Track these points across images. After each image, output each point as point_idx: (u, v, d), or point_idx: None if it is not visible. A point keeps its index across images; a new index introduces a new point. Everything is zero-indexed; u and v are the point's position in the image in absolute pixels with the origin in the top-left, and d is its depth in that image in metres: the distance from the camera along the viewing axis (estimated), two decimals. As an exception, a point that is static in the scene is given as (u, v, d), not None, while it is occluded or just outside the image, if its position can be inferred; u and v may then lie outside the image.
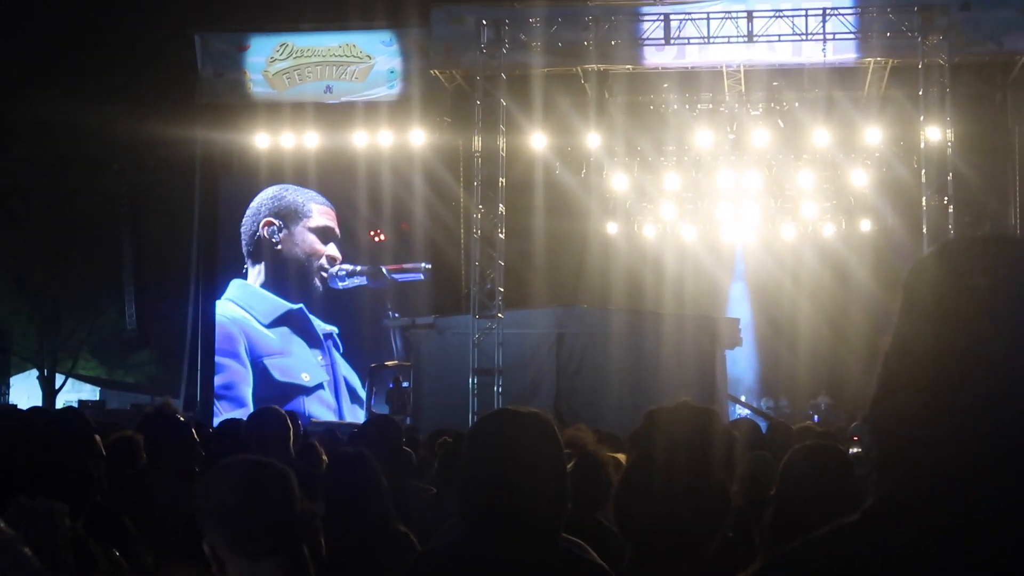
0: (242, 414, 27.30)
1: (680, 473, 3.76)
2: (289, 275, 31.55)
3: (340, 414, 30.31)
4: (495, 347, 27.13)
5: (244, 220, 32.07)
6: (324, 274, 31.39)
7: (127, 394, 41.49)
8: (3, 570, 5.13)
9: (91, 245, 41.70)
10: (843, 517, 2.29)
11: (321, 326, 31.38)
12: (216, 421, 28.89)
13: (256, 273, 31.78)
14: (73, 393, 43.77)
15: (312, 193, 32.09)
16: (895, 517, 2.18)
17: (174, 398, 33.06)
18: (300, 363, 30.89)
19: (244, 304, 31.35)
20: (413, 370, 29.14)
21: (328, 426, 23.68)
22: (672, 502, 3.71)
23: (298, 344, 31.09)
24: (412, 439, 13.41)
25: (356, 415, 29.61)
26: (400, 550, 5.88)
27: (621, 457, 6.55)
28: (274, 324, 31.19)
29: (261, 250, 31.92)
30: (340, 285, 31.65)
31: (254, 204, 32.01)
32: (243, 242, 32.00)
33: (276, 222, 31.50)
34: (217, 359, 31.18)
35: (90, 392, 44.94)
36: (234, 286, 31.94)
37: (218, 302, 31.91)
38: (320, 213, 31.93)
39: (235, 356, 30.79)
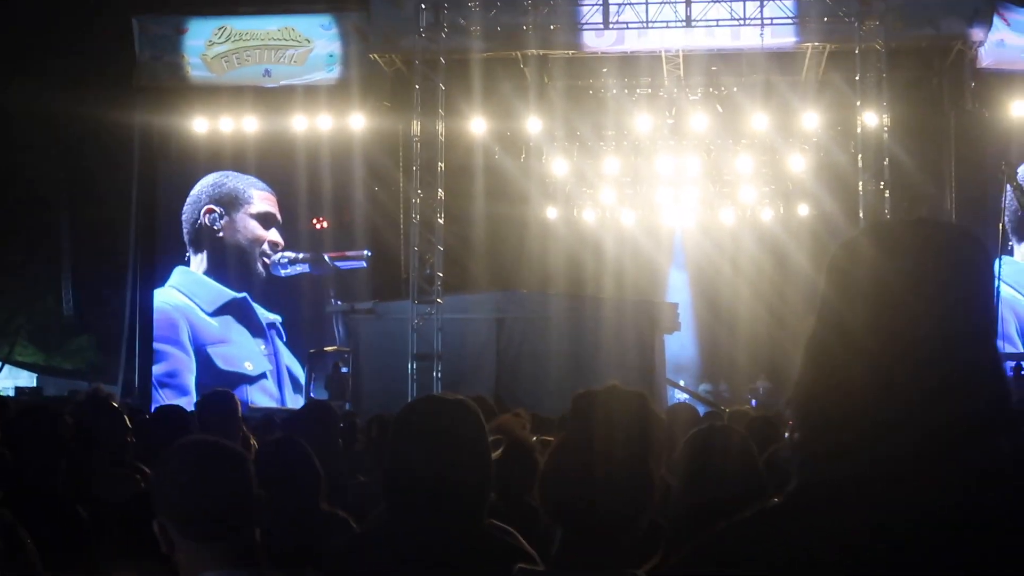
0: (185, 402, 27.25)
1: (602, 457, 3.75)
2: (231, 262, 31.51)
3: (283, 403, 30.22)
4: (434, 332, 27.14)
5: (185, 208, 31.96)
6: (267, 260, 31.35)
7: (64, 381, 41.16)
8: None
9: (28, 230, 41.38)
10: (755, 501, 2.30)
11: (265, 315, 31.32)
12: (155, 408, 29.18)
13: (199, 261, 31.74)
14: (10, 379, 43.37)
15: (252, 179, 32.00)
16: (819, 501, 2.19)
17: (112, 385, 32.93)
18: (243, 352, 30.85)
19: (187, 292, 31.31)
20: (352, 355, 29.08)
21: (266, 412, 23.58)
22: (592, 486, 3.70)
23: (241, 333, 31.06)
24: (351, 424, 13.40)
25: (298, 403, 29.41)
26: (334, 534, 5.88)
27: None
28: (217, 312, 31.14)
29: (203, 238, 31.87)
30: (283, 272, 31.60)
31: (194, 192, 31.89)
32: (184, 230, 31.91)
33: (217, 209, 31.46)
34: (160, 347, 31.11)
35: (27, 378, 44.59)
36: (177, 273, 31.82)
37: (160, 290, 31.80)
38: (261, 199, 31.83)
39: (178, 344, 30.75)
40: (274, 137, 32.25)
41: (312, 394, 29.05)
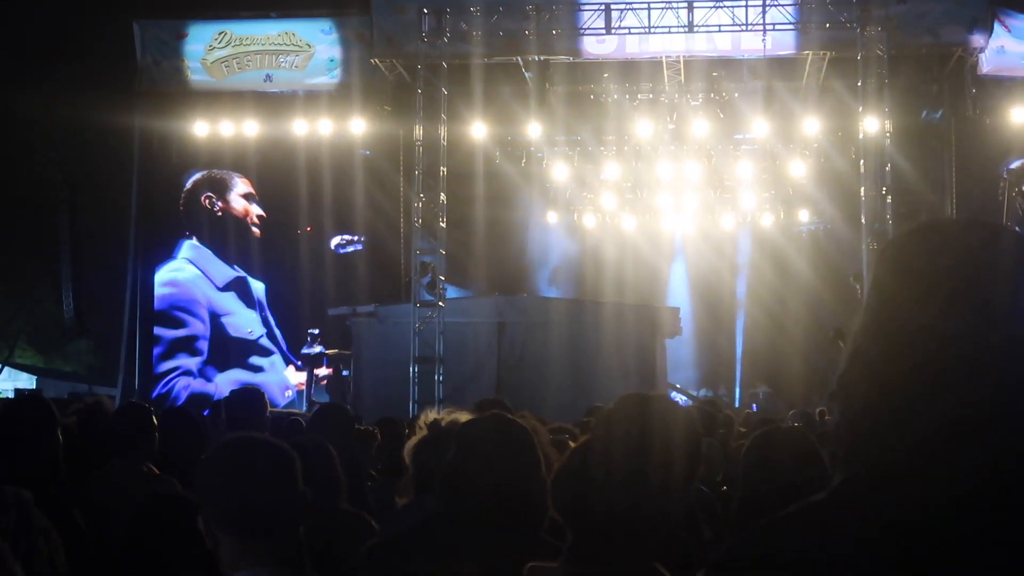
0: (194, 364, 30.77)
1: (621, 463, 3.77)
2: (231, 233, 32.54)
3: (286, 353, 31.58)
4: (436, 336, 27.17)
5: (183, 203, 32.46)
6: (255, 229, 32.41)
7: (64, 383, 41.13)
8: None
9: (28, 233, 41.36)
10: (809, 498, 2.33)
11: (256, 288, 32.32)
12: (175, 375, 31.08)
13: (203, 239, 32.84)
14: (9, 382, 43.37)
15: (231, 172, 32.61)
16: (862, 497, 2.22)
17: (111, 388, 32.96)
18: (246, 321, 31.86)
19: (201, 266, 32.15)
20: (353, 358, 29.15)
21: (275, 415, 23.55)
22: (610, 493, 3.73)
23: (241, 306, 32.01)
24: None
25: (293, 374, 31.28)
26: (360, 533, 5.92)
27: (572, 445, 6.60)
28: (225, 288, 32.05)
29: (202, 220, 32.60)
30: (342, 251, 32.77)
31: (188, 187, 32.58)
32: (184, 219, 32.57)
33: (212, 195, 32.36)
34: (181, 313, 31.81)
35: (27, 381, 44.56)
36: (187, 247, 32.54)
37: (173, 262, 32.49)
38: (243, 183, 32.81)
39: (197, 313, 31.72)
40: (275, 142, 32.25)
41: (313, 397, 29.07)
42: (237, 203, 32.49)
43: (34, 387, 40.84)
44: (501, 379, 26.71)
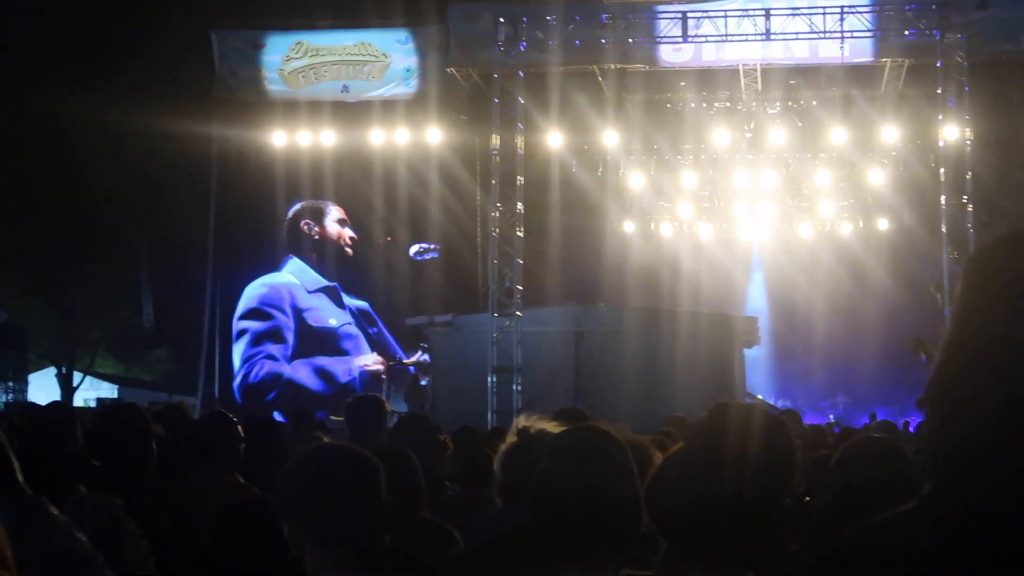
0: (278, 350, 32.04)
1: (719, 472, 3.75)
2: (328, 253, 33.32)
3: (358, 351, 32.57)
4: (513, 345, 27.17)
5: (287, 228, 33.53)
6: (348, 250, 33.25)
7: (145, 392, 41.50)
8: (56, 549, 5.20)
9: (108, 242, 41.77)
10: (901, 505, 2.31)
11: (350, 301, 33.05)
12: (258, 357, 32.21)
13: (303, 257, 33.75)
14: (91, 391, 43.83)
15: (326, 201, 33.28)
16: (950, 506, 2.20)
17: (191, 395, 33.24)
18: (328, 313, 32.78)
19: (296, 275, 33.19)
20: (432, 368, 29.22)
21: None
22: (708, 501, 3.71)
23: (328, 303, 32.90)
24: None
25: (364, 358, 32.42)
26: (442, 542, 5.94)
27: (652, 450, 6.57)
28: (314, 292, 32.94)
29: (303, 242, 33.37)
30: (420, 258, 33.36)
31: (290, 217, 33.46)
32: (288, 242, 33.52)
33: (310, 222, 33.12)
34: (268, 309, 32.79)
35: (108, 390, 45.00)
36: (290, 262, 33.43)
37: (276, 273, 33.34)
38: (336, 210, 33.35)
39: (281, 309, 32.70)
40: (351, 151, 32.45)
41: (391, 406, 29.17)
42: (332, 228, 33.27)
43: (115, 396, 41.24)
44: (578, 388, 26.64)
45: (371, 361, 31.88)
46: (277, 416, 30.63)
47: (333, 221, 33.21)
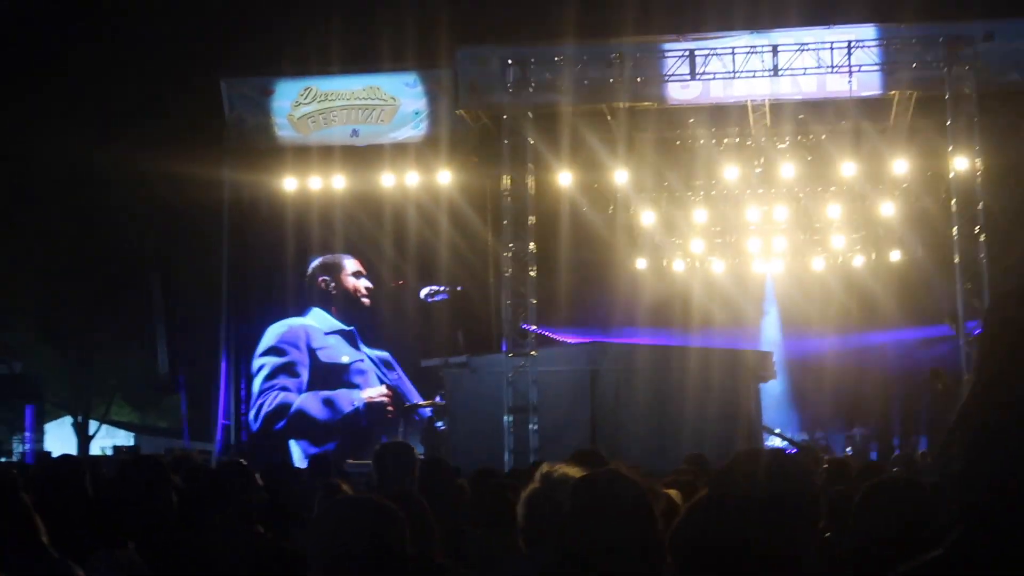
0: (292, 383, 32.46)
1: (745, 519, 3.76)
2: (346, 305, 33.57)
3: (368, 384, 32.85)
4: (529, 385, 27.16)
5: (307, 283, 33.82)
6: (364, 300, 33.46)
7: (161, 439, 41.52)
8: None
9: (122, 290, 41.83)
10: (925, 551, 2.31)
11: (368, 351, 33.22)
12: (273, 388, 32.69)
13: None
14: (107, 439, 43.85)
15: (342, 255, 33.49)
16: (985, 553, 2.20)
17: (207, 442, 33.27)
18: (341, 351, 33.07)
19: (315, 319, 33.54)
20: (448, 409, 29.20)
21: (370, 471, 23.57)
22: (733, 547, 3.72)
23: (342, 343, 33.18)
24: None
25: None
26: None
27: (674, 494, 6.59)
28: (330, 333, 33.25)
29: (321, 296, 33.72)
30: (430, 300, 33.45)
31: (309, 273, 33.75)
32: (308, 295, 33.77)
33: (327, 278, 33.39)
34: (284, 346, 33.20)
35: (124, 437, 45.03)
36: (313, 312, 33.70)
37: (299, 317, 33.71)
38: (351, 263, 33.65)
39: (297, 346, 33.10)
40: (362, 195, 32.52)
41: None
42: (348, 281, 33.54)
43: (132, 444, 41.26)
44: (596, 426, 26.56)
45: (376, 393, 32.24)
46: (294, 445, 31.21)
47: (348, 275, 33.46)
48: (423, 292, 33.11)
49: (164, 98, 39.80)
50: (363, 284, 33.35)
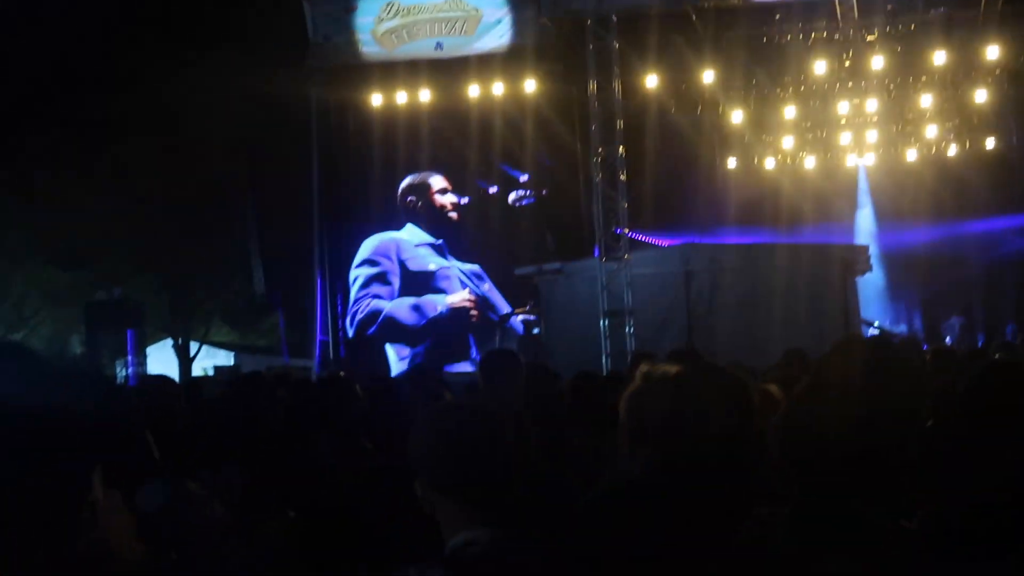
0: (384, 291, 32.58)
1: (853, 406, 3.76)
2: (436, 221, 33.55)
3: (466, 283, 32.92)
4: (624, 288, 27.19)
5: (399, 204, 33.62)
6: (452, 215, 33.43)
7: (261, 357, 41.92)
8: (202, 522, 5.37)
9: (215, 212, 42.19)
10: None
11: (462, 265, 33.19)
12: (365, 296, 32.88)
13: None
14: (208, 360, 44.41)
15: (427, 173, 33.47)
16: None
17: (308, 359, 33.61)
18: (427, 259, 33.09)
19: (407, 233, 33.50)
20: (543, 316, 29.30)
21: (466, 377, 23.77)
22: (843, 435, 3.72)
23: (430, 252, 33.18)
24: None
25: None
26: (561, 489, 5.97)
27: (773, 389, 6.57)
28: (420, 245, 33.24)
29: (411, 214, 33.63)
30: (518, 205, 33.40)
31: (399, 195, 33.63)
32: (402, 214, 33.59)
33: (414, 197, 33.54)
34: (377, 257, 33.30)
35: (225, 358, 45.56)
36: (408, 227, 33.59)
37: (392, 232, 33.67)
38: (437, 180, 33.54)
39: (388, 257, 33.19)
40: (449, 107, 32.48)
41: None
42: (435, 199, 33.41)
43: (232, 363, 41.74)
44: (692, 327, 26.56)
45: (458, 299, 32.30)
46: (389, 349, 31.47)
47: (435, 192, 33.37)
48: (511, 197, 33.07)
49: (246, 18, 39.82)
50: (449, 200, 33.31)
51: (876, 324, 31.01)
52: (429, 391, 9.18)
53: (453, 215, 33.13)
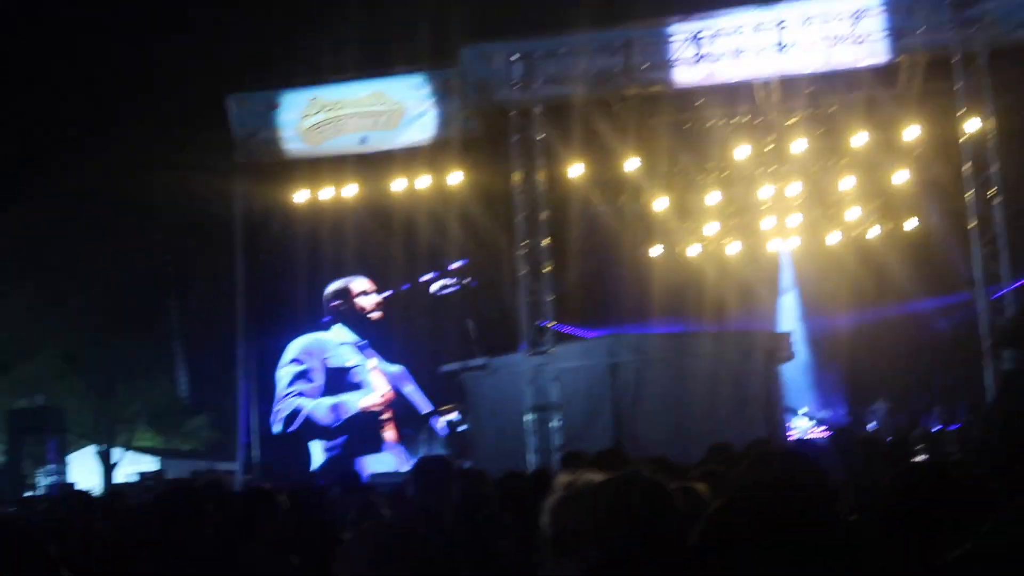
0: (308, 388, 32.33)
1: (763, 526, 3.82)
2: (359, 323, 33.58)
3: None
4: (549, 382, 27.07)
5: (325, 308, 33.68)
6: (373, 315, 33.48)
7: (186, 461, 41.56)
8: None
9: (139, 315, 41.92)
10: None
11: (387, 367, 33.24)
12: (292, 394, 32.66)
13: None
14: (131, 466, 43.87)
15: (349, 278, 33.68)
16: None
17: (231, 461, 33.30)
18: (345, 356, 33.11)
19: (333, 332, 33.63)
20: (469, 412, 29.14)
21: (391, 478, 23.58)
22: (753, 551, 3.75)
23: (350, 350, 33.20)
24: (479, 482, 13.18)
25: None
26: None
27: (701, 488, 6.44)
28: (343, 344, 33.27)
29: (336, 317, 33.71)
30: (440, 294, 33.38)
31: (324, 300, 33.73)
32: (329, 314, 33.64)
33: (339, 301, 33.62)
34: (302, 355, 33.16)
35: (149, 463, 45.06)
36: (335, 327, 33.67)
37: (318, 332, 33.81)
38: (359, 283, 33.74)
39: (312, 355, 33.16)
40: (374, 202, 32.51)
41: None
42: (356, 302, 33.55)
43: (158, 468, 41.26)
44: (618, 420, 26.39)
45: (370, 401, 32.36)
46: (312, 444, 31.13)
47: (356, 295, 33.54)
48: (433, 287, 33.03)
49: (170, 118, 39.79)
50: (369, 301, 33.46)
51: (801, 411, 31.07)
52: (359, 503, 9.13)
53: (374, 315, 33.20)
